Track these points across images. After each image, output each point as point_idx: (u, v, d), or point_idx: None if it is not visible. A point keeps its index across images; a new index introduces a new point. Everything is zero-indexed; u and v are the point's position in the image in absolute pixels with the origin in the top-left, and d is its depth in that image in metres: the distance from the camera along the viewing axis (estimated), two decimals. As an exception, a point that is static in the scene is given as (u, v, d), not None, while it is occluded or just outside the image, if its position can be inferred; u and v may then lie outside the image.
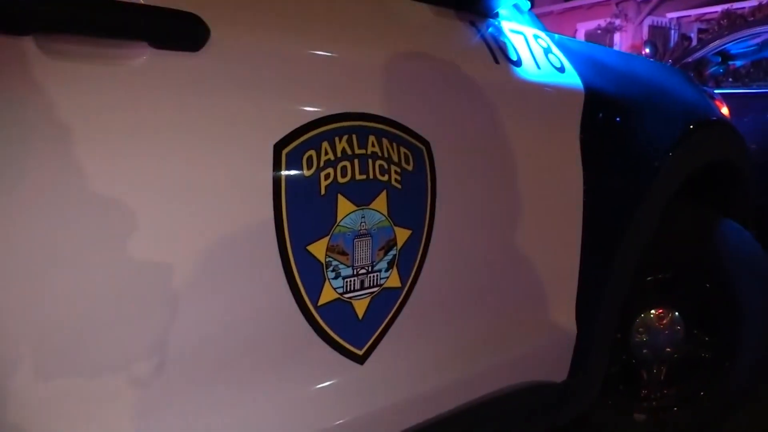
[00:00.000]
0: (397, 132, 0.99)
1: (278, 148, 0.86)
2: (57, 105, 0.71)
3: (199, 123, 0.81)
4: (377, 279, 1.00)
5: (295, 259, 0.89)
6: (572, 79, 1.35)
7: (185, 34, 0.80)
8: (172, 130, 0.79)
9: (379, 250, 0.99)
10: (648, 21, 16.43)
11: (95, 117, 0.73)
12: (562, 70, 1.35)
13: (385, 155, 0.98)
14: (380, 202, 0.98)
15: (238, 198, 0.84)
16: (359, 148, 0.95)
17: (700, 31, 15.15)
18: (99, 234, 0.74)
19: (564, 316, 1.34)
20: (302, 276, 0.90)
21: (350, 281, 0.97)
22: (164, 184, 0.78)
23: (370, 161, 0.96)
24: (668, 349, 1.66)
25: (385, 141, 0.98)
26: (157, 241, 0.78)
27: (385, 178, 0.98)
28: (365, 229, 0.97)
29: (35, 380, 0.73)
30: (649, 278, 1.66)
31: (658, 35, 15.36)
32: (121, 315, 0.77)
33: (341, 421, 1.00)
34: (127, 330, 0.78)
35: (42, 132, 0.70)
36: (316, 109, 0.91)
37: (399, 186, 0.99)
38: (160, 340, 0.81)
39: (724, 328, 1.71)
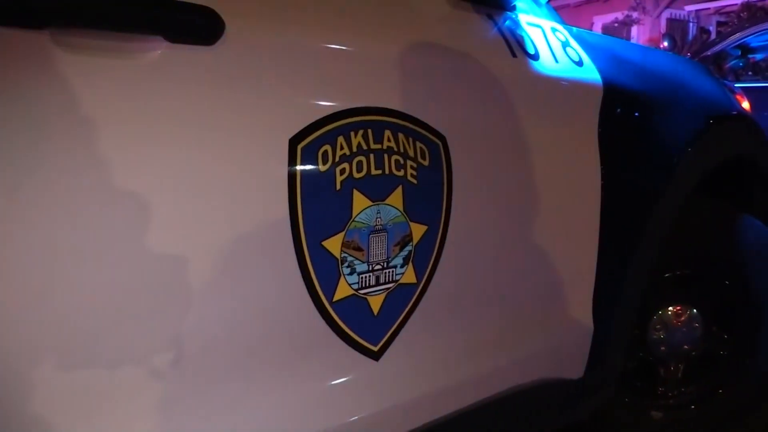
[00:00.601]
0: (413, 127, 0.99)
1: (293, 142, 0.86)
2: (72, 99, 0.71)
3: (214, 117, 0.80)
4: (393, 275, 0.99)
5: (310, 255, 0.89)
6: (590, 73, 1.34)
7: (200, 27, 0.79)
8: (187, 125, 0.78)
9: (395, 245, 0.98)
10: (666, 14, 16.26)
11: (110, 111, 0.73)
12: (580, 63, 1.33)
13: (401, 150, 0.97)
14: (396, 198, 0.97)
15: (253, 193, 0.84)
16: (375, 142, 0.94)
17: (719, 24, 15.00)
18: (114, 228, 0.74)
19: (581, 312, 1.33)
20: (317, 272, 0.90)
21: (365, 277, 0.96)
22: (179, 179, 0.78)
23: (385, 156, 0.95)
24: (686, 347, 1.64)
25: (401, 136, 0.97)
26: (171, 236, 0.78)
27: (401, 173, 0.97)
28: (381, 225, 0.96)
29: (53, 375, 0.73)
30: (667, 275, 1.63)
31: (676, 28, 15.21)
32: (136, 310, 0.77)
33: (356, 418, 0.99)
34: (143, 325, 0.78)
35: (58, 126, 0.70)
36: (331, 104, 0.90)
37: (415, 181, 0.98)
38: (176, 335, 0.81)
39: (743, 325, 1.69)
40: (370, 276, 0.97)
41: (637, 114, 1.41)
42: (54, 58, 0.70)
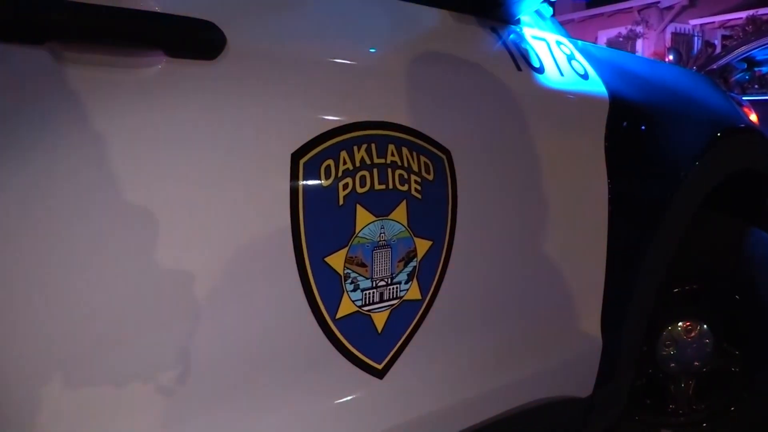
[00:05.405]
0: (418, 141, 0.97)
1: (296, 157, 0.85)
2: (73, 113, 0.70)
3: (215, 132, 0.79)
4: (397, 291, 0.98)
5: (312, 271, 0.87)
6: (596, 86, 1.33)
7: (201, 42, 0.79)
8: (188, 139, 0.78)
9: (399, 261, 0.97)
10: (671, 28, 16.32)
11: (110, 125, 0.72)
12: (585, 77, 1.32)
13: (405, 164, 0.96)
14: (400, 213, 0.96)
15: (254, 208, 0.83)
16: (378, 157, 0.93)
17: (724, 37, 15.04)
18: (115, 242, 0.73)
19: (589, 328, 1.31)
20: (320, 288, 0.89)
21: (369, 294, 0.95)
22: (180, 194, 0.77)
23: (389, 171, 0.94)
24: (696, 363, 1.62)
25: (404, 150, 0.96)
26: (172, 252, 0.77)
27: (405, 187, 0.96)
28: (384, 240, 0.95)
29: (60, 390, 0.72)
30: (676, 290, 1.62)
31: (681, 42, 15.25)
32: (137, 327, 0.76)
33: (360, 437, 0.98)
34: (145, 342, 0.77)
35: (59, 140, 0.69)
36: (334, 118, 0.89)
37: (419, 196, 0.97)
38: (178, 352, 0.80)
39: (754, 341, 1.66)
40: (373, 292, 0.95)
41: (644, 127, 1.40)
42: (54, 72, 0.69)
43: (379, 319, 0.97)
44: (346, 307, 0.92)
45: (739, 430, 1.66)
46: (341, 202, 0.89)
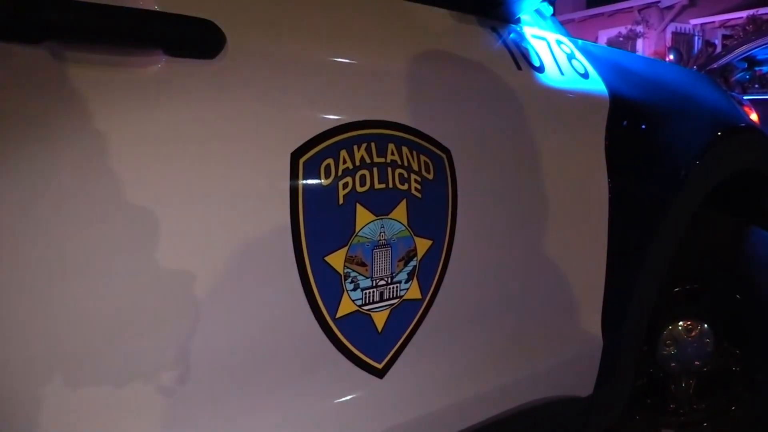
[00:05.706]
0: (418, 140, 0.97)
1: (295, 156, 0.84)
2: (72, 113, 0.70)
3: (215, 131, 0.79)
4: (397, 290, 0.98)
5: (312, 271, 0.87)
6: (597, 85, 1.33)
7: (201, 41, 0.79)
8: (188, 138, 0.77)
9: (399, 260, 0.97)
10: (671, 27, 16.31)
11: (110, 125, 0.72)
12: (586, 76, 1.32)
13: (405, 164, 0.95)
14: (400, 212, 0.96)
15: (254, 208, 0.83)
16: (378, 156, 0.93)
17: (724, 37, 15.03)
18: (114, 241, 0.73)
19: (590, 327, 1.31)
20: (320, 288, 0.88)
21: (369, 293, 0.94)
22: (179, 193, 0.77)
23: (389, 170, 0.94)
24: (697, 362, 1.62)
25: (404, 149, 0.96)
26: (172, 249, 0.77)
27: (405, 187, 0.96)
28: (384, 240, 0.94)
29: (61, 390, 0.72)
30: (677, 289, 1.62)
31: (681, 42, 15.25)
32: (133, 327, 0.76)
33: (360, 437, 0.97)
34: (142, 342, 0.77)
35: (58, 140, 0.69)
36: (334, 117, 0.89)
37: (419, 195, 0.97)
38: (176, 351, 0.80)
39: (754, 340, 1.66)
40: (373, 292, 0.95)
41: (644, 126, 1.40)
42: (53, 71, 0.69)
43: (379, 319, 0.97)
44: (346, 307, 0.92)
45: (740, 430, 1.66)
46: (341, 201, 0.89)
